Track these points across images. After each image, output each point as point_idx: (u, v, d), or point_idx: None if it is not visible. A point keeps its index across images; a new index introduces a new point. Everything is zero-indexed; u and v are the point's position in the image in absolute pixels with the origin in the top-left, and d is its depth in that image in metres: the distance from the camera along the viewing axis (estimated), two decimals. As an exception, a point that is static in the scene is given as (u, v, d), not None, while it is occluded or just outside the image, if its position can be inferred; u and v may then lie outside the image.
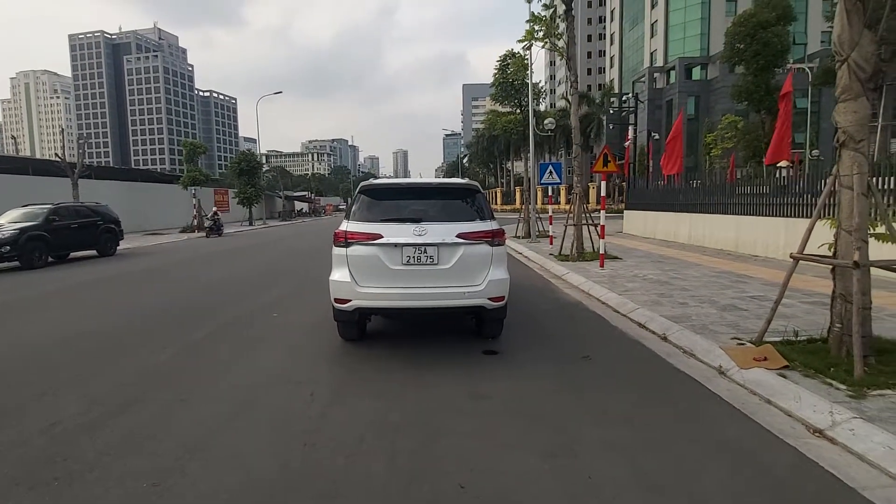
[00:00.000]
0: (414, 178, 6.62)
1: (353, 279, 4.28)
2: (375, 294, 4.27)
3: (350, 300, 4.30)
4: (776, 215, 9.84)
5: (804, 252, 4.06)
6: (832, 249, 3.82)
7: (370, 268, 4.26)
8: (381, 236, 4.24)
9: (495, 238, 4.39)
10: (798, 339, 4.17)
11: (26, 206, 13.26)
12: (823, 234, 4.03)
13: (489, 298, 4.32)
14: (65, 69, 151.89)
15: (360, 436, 2.97)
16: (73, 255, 13.95)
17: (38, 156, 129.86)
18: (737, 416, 3.16)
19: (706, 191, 12.64)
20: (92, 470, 2.62)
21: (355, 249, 4.30)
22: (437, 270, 4.26)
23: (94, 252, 14.31)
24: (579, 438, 2.91)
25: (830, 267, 3.81)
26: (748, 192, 10.90)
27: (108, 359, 4.61)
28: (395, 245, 4.23)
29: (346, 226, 4.40)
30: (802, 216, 9.09)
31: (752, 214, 10.55)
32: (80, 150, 22.70)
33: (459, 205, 4.62)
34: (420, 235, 4.22)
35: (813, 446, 2.73)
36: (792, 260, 4.14)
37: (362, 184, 4.83)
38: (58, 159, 21.50)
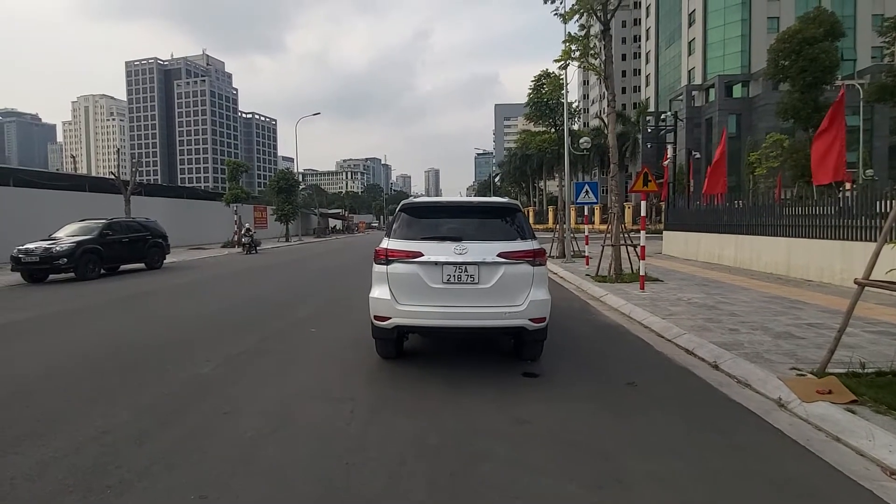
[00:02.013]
0: (454, 197, 6.64)
1: (393, 297, 4.29)
2: (415, 312, 4.25)
3: (390, 318, 4.30)
4: (831, 238, 9.31)
5: (870, 277, 3.80)
6: (903, 275, 3.56)
7: (410, 286, 4.26)
8: (421, 254, 4.25)
9: (536, 258, 4.33)
10: (865, 371, 3.88)
11: (83, 220, 14.10)
12: (889, 259, 3.77)
13: (530, 319, 4.24)
14: (121, 93, 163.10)
15: (401, 457, 2.92)
16: (123, 267, 14.67)
17: (94, 174, 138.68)
18: (802, 453, 2.93)
19: (754, 211, 12.14)
20: (141, 479, 2.67)
21: (396, 267, 4.31)
22: (477, 290, 4.22)
23: (142, 265, 15.01)
24: (626, 469, 2.76)
25: (902, 294, 3.55)
26: (800, 212, 10.38)
27: (155, 370, 4.76)
28: (436, 263, 4.22)
29: (387, 243, 4.43)
30: (860, 239, 8.57)
31: (805, 237, 10.02)
32: (133, 169, 24.09)
33: (500, 224, 4.59)
34: (461, 254, 4.20)
35: (890, 490, 2.50)
36: (856, 286, 3.88)
37: (403, 202, 4.87)
38: (112, 177, 22.86)
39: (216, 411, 3.67)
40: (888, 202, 8.20)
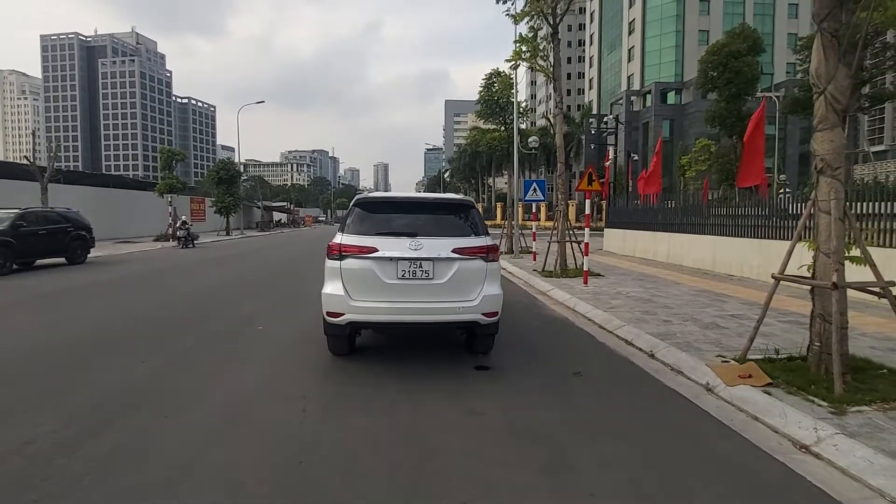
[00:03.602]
0: (409, 192, 6.63)
1: (346, 292, 4.23)
2: (369, 308, 4.23)
3: (343, 314, 4.25)
4: (750, 236, 10.21)
5: (785, 273, 4.23)
6: (811, 270, 3.98)
7: (364, 281, 4.23)
8: (376, 249, 4.22)
9: (490, 254, 4.43)
10: (779, 356, 4.31)
11: (-8, 210, 12.71)
12: (801, 256, 4.21)
13: (483, 314, 4.34)
14: (35, 70, 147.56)
15: (355, 454, 2.91)
16: (40, 262, 13.37)
17: (2, 158, 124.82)
18: (727, 433, 3.23)
19: (684, 211, 13.05)
20: (72, 492, 2.49)
21: (349, 262, 4.26)
22: (431, 285, 4.26)
23: (63, 259, 13.77)
24: (575, 455, 2.92)
25: (809, 287, 3.98)
26: (724, 213, 11.29)
27: (82, 373, 4.42)
28: (391, 259, 4.22)
29: (341, 238, 4.37)
30: (775, 238, 9.46)
31: (728, 235, 10.92)
32: (51, 154, 21.92)
33: (454, 220, 4.65)
34: (416, 250, 4.22)
35: (800, 462, 2.82)
36: (773, 280, 4.30)
37: (357, 197, 4.82)
38: (27, 162, 20.73)
39: (155, 415, 3.47)
40: (800, 205, 9.11)
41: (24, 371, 4.51)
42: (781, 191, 26.38)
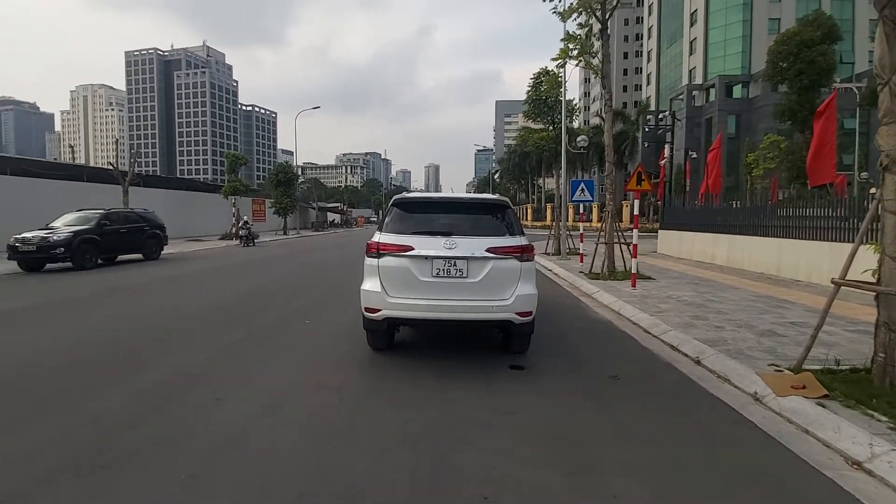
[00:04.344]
0: (445, 193, 6.74)
1: (383, 289, 4.39)
2: (405, 304, 4.35)
3: (380, 310, 4.40)
4: (820, 239, 9.44)
5: (847, 278, 3.92)
6: (875, 275, 3.67)
7: (401, 279, 4.36)
8: (412, 248, 4.34)
9: (524, 253, 4.43)
10: (840, 368, 4.00)
11: (80, 210, 14.14)
12: (869, 260, 3.88)
13: (517, 313, 4.34)
14: (120, 83, 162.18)
15: (385, 443, 3.03)
16: (120, 257, 14.73)
17: (91, 164, 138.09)
18: (771, 444, 3.05)
19: (747, 212, 12.25)
20: (132, 460, 2.78)
21: (387, 260, 4.41)
22: (465, 283, 4.33)
23: (140, 256, 15.08)
24: (603, 458, 2.87)
25: (874, 294, 3.66)
26: (791, 214, 10.50)
27: (150, 358, 4.86)
28: (426, 257, 4.32)
29: (379, 237, 4.53)
30: (848, 241, 8.69)
31: (795, 238, 10.15)
32: (132, 160, 24.06)
33: (489, 220, 4.69)
34: (450, 249, 4.30)
35: (850, 478, 2.62)
36: (833, 285, 3.99)
37: (395, 197, 4.97)
38: (111, 167, 22.86)
39: (209, 398, 3.77)
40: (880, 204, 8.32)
41: (101, 355, 5.02)
42: (872, 190, 24.07)
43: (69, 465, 2.72)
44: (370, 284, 4.47)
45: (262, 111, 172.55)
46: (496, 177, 74.21)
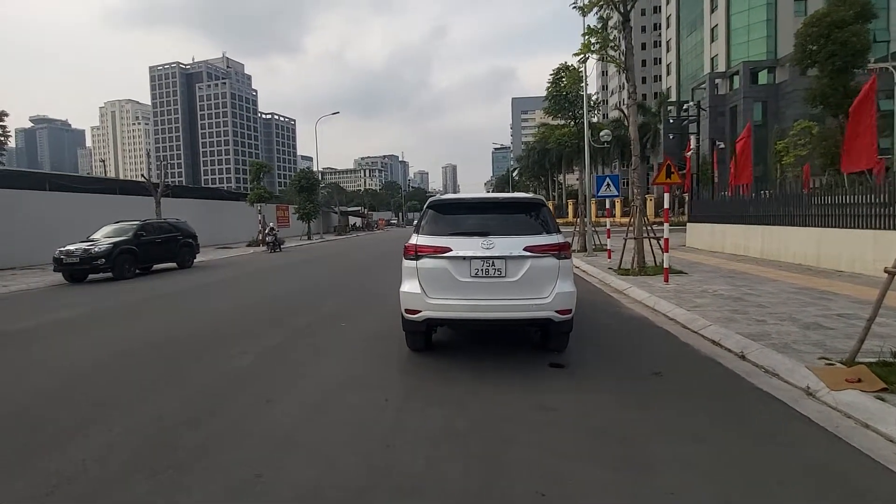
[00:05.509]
0: (480, 193, 6.77)
1: (423, 291, 4.44)
2: (445, 305, 4.40)
3: (420, 311, 4.46)
4: (863, 227, 9.10)
5: (901, 266, 3.78)
6: (935, 263, 3.54)
7: (439, 280, 4.41)
8: (449, 249, 4.39)
9: (562, 251, 4.42)
10: (896, 360, 3.86)
11: (117, 222, 14.66)
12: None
13: (556, 311, 4.34)
14: (145, 97, 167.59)
15: (435, 440, 3.08)
16: (156, 267, 15.24)
17: (121, 177, 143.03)
18: (830, 439, 2.98)
19: (781, 201, 11.89)
20: (199, 460, 2.90)
21: (425, 262, 4.47)
22: (504, 283, 4.35)
23: (174, 265, 15.57)
24: (652, 453, 2.85)
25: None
26: (830, 202, 10.14)
27: (197, 362, 5.04)
28: (464, 258, 4.36)
29: (416, 239, 4.59)
30: (893, 228, 8.36)
31: (836, 226, 9.81)
32: (162, 171, 24.88)
33: (525, 218, 4.70)
34: (488, 248, 4.33)
35: (921, 475, 2.54)
36: (887, 275, 3.86)
37: (431, 199, 5.02)
38: (143, 180, 23.66)
39: (258, 400, 3.89)
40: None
41: (151, 359, 5.23)
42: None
43: (142, 465, 2.85)
44: (409, 286, 4.53)
45: (282, 119, 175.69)
46: (515, 174, 73.74)
